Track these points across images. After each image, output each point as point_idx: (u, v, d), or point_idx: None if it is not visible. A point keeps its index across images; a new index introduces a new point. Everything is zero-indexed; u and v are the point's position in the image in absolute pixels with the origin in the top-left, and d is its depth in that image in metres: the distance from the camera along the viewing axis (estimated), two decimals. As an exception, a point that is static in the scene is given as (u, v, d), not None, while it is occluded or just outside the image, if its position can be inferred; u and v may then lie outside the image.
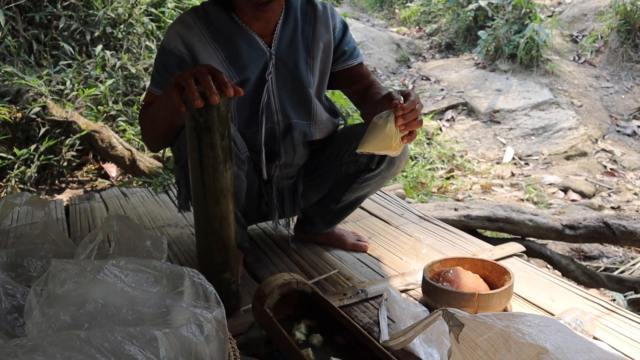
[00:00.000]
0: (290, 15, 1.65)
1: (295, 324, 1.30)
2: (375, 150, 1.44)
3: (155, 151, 1.64)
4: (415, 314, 1.44)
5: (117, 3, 4.67)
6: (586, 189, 4.59)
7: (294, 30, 1.65)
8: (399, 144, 1.42)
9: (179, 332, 0.85)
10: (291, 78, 1.65)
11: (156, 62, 1.60)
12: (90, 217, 2.40)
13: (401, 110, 1.36)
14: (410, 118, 1.38)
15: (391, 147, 1.41)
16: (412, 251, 1.93)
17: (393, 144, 1.40)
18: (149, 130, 1.55)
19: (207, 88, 1.19)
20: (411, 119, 1.38)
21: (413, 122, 1.39)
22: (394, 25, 9.58)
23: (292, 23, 1.65)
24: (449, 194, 4.35)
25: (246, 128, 1.64)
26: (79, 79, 4.22)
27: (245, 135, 1.62)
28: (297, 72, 1.65)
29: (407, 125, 1.38)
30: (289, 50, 1.64)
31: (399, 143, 1.42)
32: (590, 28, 7.42)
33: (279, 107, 1.65)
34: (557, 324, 1.02)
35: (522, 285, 1.68)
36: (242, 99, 1.61)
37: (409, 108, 1.37)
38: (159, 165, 3.67)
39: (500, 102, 6.16)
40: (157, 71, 1.58)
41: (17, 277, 1.40)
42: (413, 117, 1.38)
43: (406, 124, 1.38)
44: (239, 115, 1.63)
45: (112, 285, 0.97)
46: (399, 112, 1.37)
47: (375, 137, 1.41)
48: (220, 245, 1.39)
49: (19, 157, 3.58)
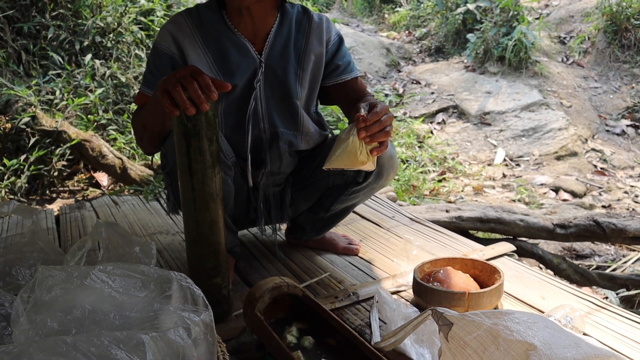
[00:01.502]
0: (284, 24, 1.64)
1: (287, 327, 1.30)
2: (342, 165, 1.40)
3: (149, 154, 1.64)
4: (406, 315, 1.44)
5: (106, 12, 4.67)
6: (577, 189, 4.61)
7: (286, 40, 1.63)
8: (367, 157, 1.38)
9: (167, 335, 0.85)
10: (279, 87, 1.64)
11: (148, 62, 1.59)
12: (81, 226, 2.39)
13: (363, 122, 1.33)
14: (374, 129, 1.34)
15: (357, 161, 1.38)
16: (403, 253, 1.93)
17: (359, 157, 1.37)
18: (142, 134, 1.55)
19: (195, 97, 1.19)
20: (375, 130, 1.34)
21: (378, 134, 1.36)
22: (384, 30, 9.63)
23: (285, 32, 1.64)
24: (441, 197, 4.36)
25: (232, 134, 1.63)
26: (68, 88, 4.21)
27: (231, 141, 1.62)
28: (286, 82, 1.63)
29: (372, 137, 1.35)
30: (279, 59, 1.62)
31: (366, 156, 1.38)
32: (578, 29, 7.50)
33: (266, 115, 1.64)
34: (545, 320, 1.03)
35: (513, 284, 1.69)
36: (229, 105, 1.61)
37: (372, 119, 1.34)
38: (150, 174, 3.66)
39: (490, 104, 6.20)
40: (150, 71, 1.57)
41: (6, 286, 1.40)
42: (378, 129, 1.35)
43: (370, 136, 1.35)
44: (226, 120, 1.63)
45: (99, 291, 0.97)
46: (361, 124, 1.34)
47: (340, 153, 1.38)
48: (210, 250, 1.39)
49: (8, 168, 3.57)
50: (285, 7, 1.65)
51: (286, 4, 1.66)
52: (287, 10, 1.65)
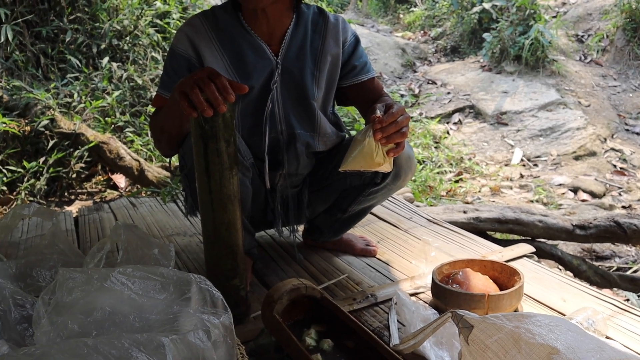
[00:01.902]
0: (300, 25, 1.63)
1: (305, 329, 1.30)
2: (358, 166, 1.39)
3: (167, 157, 1.64)
4: (425, 317, 1.43)
5: (122, 15, 4.72)
6: (596, 189, 4.55)
7: (302, 41, 1.63)
8: (384, 159, 1.37)
9: (187, 338, 0.85)
10: (296, 89, 1.63)
11: (165, 65, 1.60)
12: (99, 228, 2.41)
13: (379, 123, 1.32)
14: (390, 131, 1.33)
15: (374, 162, 1.37)
16: (421, 254, 1.92)
17: (375, 159, 1.36)
18: (159, 137, 1.55)
19: (213, 99, 1.19)
20: (391, 131, 1.33)
21: (394, 135, 1.34)
22: (399, 30, 9.60)
23: (301, 33, 1.63)
24: (458, 197, 4.33)
25: (250, 136, 1.63)
26: (86, 91, 4.25)
27: (248, 143, 1.62)
28: (302, 83, 1.63)
29: (388, 139, 1.34)
30: (296, 60, 1.62)
31: (383, 157, 1.37)
32: (596, 27, 7.40)
33: (283, 117, 1.64)
34: (567, 323, 1.01)
35: (533, 286, 1.67)
36: (246, 107, 1.61)
37: (388, 120, 1.33)
38: (167, 175, 3.69)
39: (507, 104, 6.14)
40: (167, 74, 1.58)
41: (26, 287, 1.41)
42: (394, 130, 1.33)
43: (387, 137, 1.34)
44: (243, 122, 1.63)
45: (119, 293, 0.97)
46: (377, 126, 1.32)
47: (356, 154, 1.37)
48: (228, 252, 1.39)
49: (28, 170, 3.61)
50: (300, 8, 1.65)
51: (302, 5, 1.65)
52: (302, 11, 1.65)
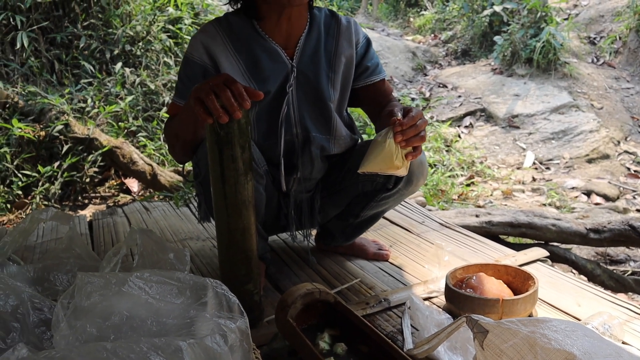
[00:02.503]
0: (313, 28, 1.65)
1: (319, 333, 1.30)
2: (377, 169, 1.40)
3: (181, 163, 1.65)
4: (439, 321, 1.43)
5: (135, 21, 4.76)
6: (610, 192, 4.51)
7: (316, 44, 1.64)
8: (402, 162, 1.38)
9: (204, 342, 0.86)
10: (312, 91, 1.64)
11: (180, 73, 1.61)
12: (113, 232, 2.43)
13: (400, 126, 1.33)
14: (410, 134, 1.34)
15: (393, 165, 1.37)
16: (434, 259, 1.92)
17: (395, 162, 1.36)
18: (174, 143, 1.56)
19: (229, 105, 1.19)
20: (411, 134, 1.34)
21: (414, 138, 1.35)
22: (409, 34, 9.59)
23: (315, 36, 1.64)
24: (469, 201, 4.31)
25: (265, 139, 1.64)
26: (99, 96, 4.30)
27: (264, 146, 1.63)
28: (318, 85, 1.64)
29: (408, 142, 1.35)
30: (310, 63, 1.63)
31: (401, 161, 1.37)
32: (608, 29, 7.34)
33: (298, 120, 1.65)
34: (584, 328, 1.01)
35: (547, 291, 1.66)
36: (262, 111, 1.62)
37: (409, 123, 1.33)
38: (180, 179, 3.71)
39: (518, 107, 6.11)
40: (181, 82, 1.59)
41: (44, 291, 1.43)
42: (413, 133, 1.34)
43: (406, 140, 1.34)
44: (258, 126, 1.64)
45: (136, 297, 0.99)
46: (398, 128, 1.33)
47: (376, 156, 1.37)
48: (242, 257, 1.40)
49: (43, 175, 3.66)
50: (313, 11, 1.66)
51: (314, 9, 1.67)
52: (315, 15, 1.66)
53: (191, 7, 5.28)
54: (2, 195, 3.52)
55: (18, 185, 3.59)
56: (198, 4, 5.41)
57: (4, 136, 3.74)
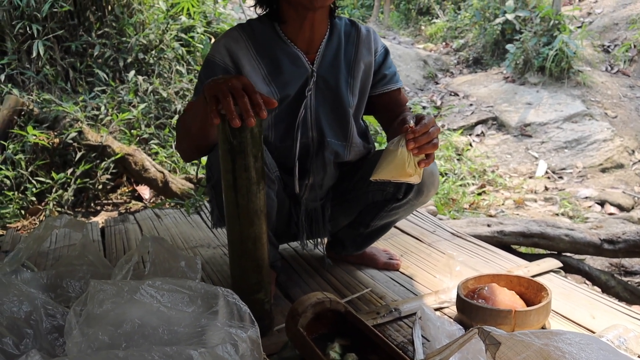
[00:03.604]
0: (334, 35, 1.68)
1: (329, 343, 1.29)
2: (389, 177, 1.40)
3: (188, 161, 1.64)
4: (450, 332, 1.42)
5: (148, 30, 4.82)
6: (624, 202, 4.46)
7: (337, 50, 1.67)
8: (415, 169, 1.38)
9: (215, 351, 0.86)
10: (332, 97, 1.66)
11: (200, 74, 1.61)
12: (125, 239, 2.45)
13: (412, 133, 1.33)
14: (422, 141, 1.34)
15: (405, 172, 1.37)
16: (446, 268, 1.90)
17: (407, 169, 1.36)
18: (182, 137, 1.54)
19: (244, 111, 1.19)
20: (424, 142, 1.34)
21: (426, 146, 1.35)
22: (421, 42, 9.60)
23: (335, 43, 1.67)
24: (481, 210, 4.28)
25: (281, 142, 1.65)
26: (112, 104, 4.34)
27: (280, 148, 1.64)
28: (338, 91, 1.66)
29: (420, 149, 1.35)
30: (331, 69, 1.65)
31: (414, 168, 1.37)
32: (623, 37, 7.30)
33: (314, 124, 1.66)
34: (598, 341, 0.99)
35: (561, 302, 1.64)
36: (280, 113, 1.63)
37: (421, 131, 1.34)
38: (191, 187, 3.73)
39: (531, 116, 6.08)
40: (201, 83, 1.59)
41: (57, 297, 1.44)
42: (426, 141, 1.34)
43: (419, 147, 1.34)
44: (276, 128, 1.65)
45: (148, 306, 0.99)
46: (410, 136, 1.33)
47: (388, 164, 1.37)
48: (254, 266, 1.40)
49: (56, 181, 3.69)
50: (334, 20, 1.70)
51: (335, 18, 1.70)
52: (335, 23, 1.70)
53: (204, 15, 5.34)
54: (16, 201, 3.56)
55: (32, 191, 3.63)
56: (210, 13, 5.47)
57: (19, 143, 3.78)
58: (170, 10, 5.07)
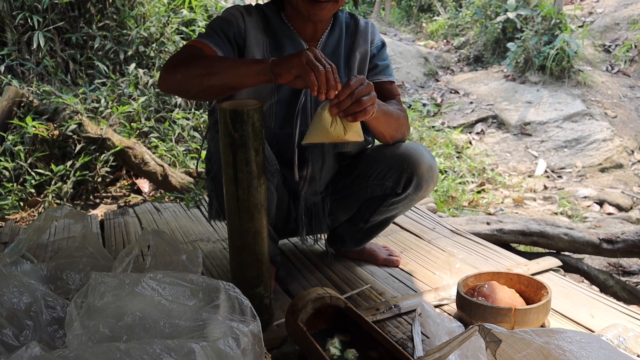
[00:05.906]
0: (336, 27, 1.72)
1: (329, 339, 1.29)
2: (319, 140, 1.39)
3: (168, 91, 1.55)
4: (450, 329, 1.42)
5: (149, 23, 4.79)
6: (623, 202, 4.47)
7: (337, 41, 1.71)
8: (344, 130, 1.38)
9: (216, 345, 0.86)
10: None
11: (213, 24, 1.60)
12: (124, 232, 2.44)
13: (336, 98, 1.33)
14: (345, 104, 1.34)
15: (331, 135, 1.37)
16: (446, 266, 1.90)
17: (333, 132, 1.36)
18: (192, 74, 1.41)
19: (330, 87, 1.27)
20: (347, 105, 1.34)
21: (351, 108, 1.35)
22: (422, 39, 9.58)
23: (336, 34, 1.72)
24: (480, 208, 4.29)
25: (281, 128, 1.66)
26: (113, 96, 4.33)
27: (279, 135, 1.65)
28: None
29: (345, 112, 1.35)
30: (331, 58, 1.66)
31: (342, 129, 1.37)
32: (624, 37, 7.29)
33: (314, 111, 1.66)
34: (599, 340, 1.00)
35: (560, 301, 1.64)
36: (280, 100, 1.65)
37: (345, 93, 1.33)
38: (191, 181, 3.72)
39: (531, 115, 6.08)
40: (213, 30, 1.58)
41: (57, 289, 1.44)
42: (349, 103, 1.34)
43: (344, 111, 1.35)
44: (276, 115, 1.66)
45: (149, 298, 0.99)
46: (335, 100, 1.34)
47: (314, 127, 1.38)
48: (253, 260, 1.40)
49: (56, 173, 3.68)
50: (337, 12, 1.72)
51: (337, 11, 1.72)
52: (337, 15, 1.74)
53: (205, 9, 5.31)
54: (15, 193, 3.55)
55: (31, 183, 3.62)
56: (212, 6, 5.44)
57: (18, 134, 3.77)
58: (172, 3, 5.04)
